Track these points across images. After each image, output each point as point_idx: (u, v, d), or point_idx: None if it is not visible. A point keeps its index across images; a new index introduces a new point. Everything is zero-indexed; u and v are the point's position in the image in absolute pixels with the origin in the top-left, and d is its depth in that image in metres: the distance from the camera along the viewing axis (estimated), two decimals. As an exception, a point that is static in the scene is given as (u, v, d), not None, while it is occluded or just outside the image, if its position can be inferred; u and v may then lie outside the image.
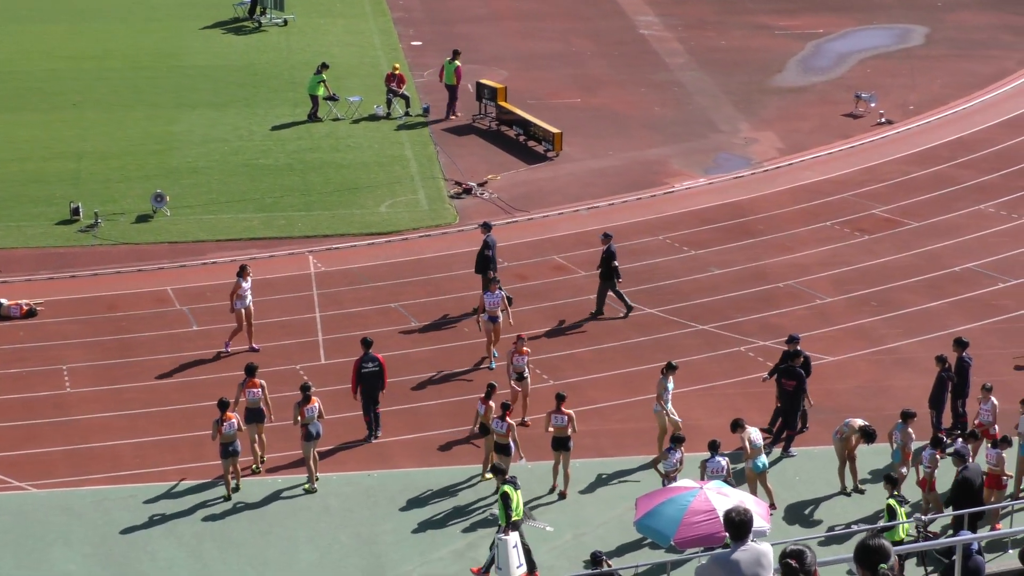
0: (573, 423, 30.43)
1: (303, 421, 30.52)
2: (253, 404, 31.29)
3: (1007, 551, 27.23)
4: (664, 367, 31.71)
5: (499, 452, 30.43)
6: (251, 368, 31.86)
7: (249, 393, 31.30)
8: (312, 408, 30.62)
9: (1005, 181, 47.69)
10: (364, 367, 32.44)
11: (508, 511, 27.21)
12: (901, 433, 29.53)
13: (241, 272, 36.28)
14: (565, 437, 30.34)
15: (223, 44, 63.74)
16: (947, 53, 62.69)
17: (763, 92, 57.60)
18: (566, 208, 46.22)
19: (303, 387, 30.93)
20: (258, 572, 27.99)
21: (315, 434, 30.62)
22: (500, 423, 30.28)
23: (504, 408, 30.44)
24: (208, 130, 52.81)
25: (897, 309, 38.79)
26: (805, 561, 12.67)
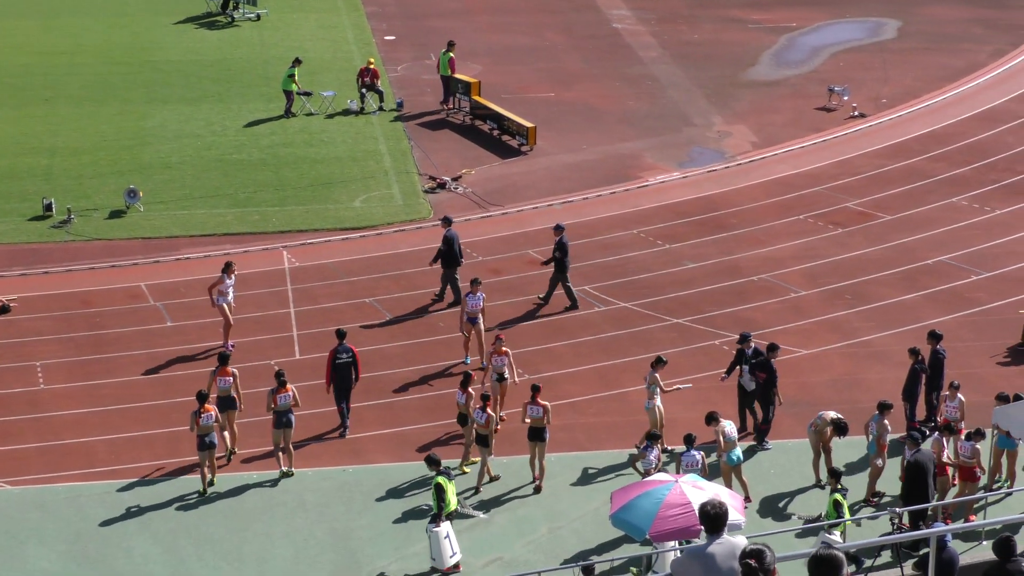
0: (548, 414, 30.49)
1: (276, 408, 30.68)
2: (224, 392, 31.52)
3: (981, 542, 27.34)
4: (654, 361, 31.70)
5: (479, 443, 30.48)
6: (224, 356, 32.22)
7: (221, 381, 31.59)
8: (285, 396, 30.75)
9: (977, 174, 47.85)
10: (338, 358, 32.57)
11: (441, 502, 27.45)
12: (877, 425, 29.61)
13: (226, 269, 36.21)
14: (541, 428, 30.42)
15: (196, 39, 63.59)
16: (919, 46, 62.88)
17: (736, 86, 57.69)
18: (540, 202, 46.23)
19: (277, 374, 31.09)
20: (234, 568, 27.95)
21: (286, 422, 30.76)
22: (481, 414, 30.34)
23: (484, 399, 30.54)
24: (181, 125, 52.69)
25: (870, 302, 38.91)
26: (764, 560, 12.72)
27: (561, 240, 38.35)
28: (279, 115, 53.25)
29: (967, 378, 33.81)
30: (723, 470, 29.69)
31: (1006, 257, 41.42)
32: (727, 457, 29.44)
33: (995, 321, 37.64)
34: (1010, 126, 52.48)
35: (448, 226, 39.00)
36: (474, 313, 35.25)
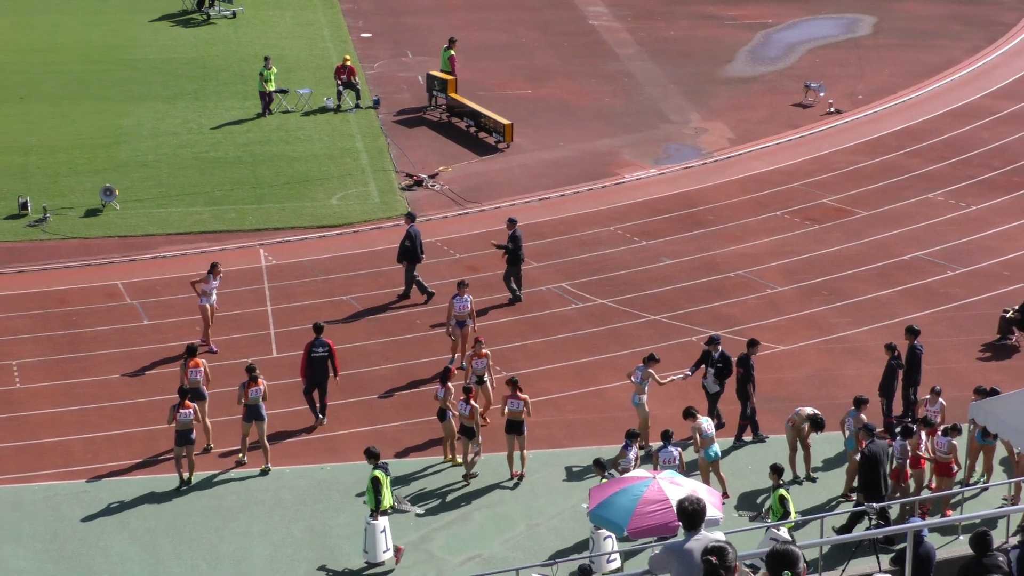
0: (528, 407, 30.63)
1: (247, 401, 30.88)
2: (195, 384, 31.65)
3: (958, 537, 27.43)
4: (646, 358, 31.65)
5: (464, 435, 30.54)
6: (193, 348, 32.43)
7: (192, 372, 31.75)
8: (256, 389, 30.89)
9: (953, 170, 48.00)
10: (314, 351, 32.64)
11: (378, 496, 27.54)
12: (854, 420, 29.68)
13: (212, 269, 36.13)
14: (520, 421, 30.54)
15: (172, 37, 63.45)
16: (895, 43, 63.05)
17: (713, 82, 57.77)
18: (517, 199, 46.23)
19: (248, 368, 31.28)
20: (212, 567, 27.91)
21: (258, 415, 30.93)
22: (464, 406, 30.40)
23: (466, 391, 30.66)
24: (157, 123, 52.57)
25: (847, 298, 39.00)
26: (726, 558, 12.79)
27: (514, 234, 38.44)
28: (256, 112, 53.13)
29: (943, 373, 33.95)
30: (701, 466, 29.74)
31: (981, 253, 41.55)
32: (705, 453, 29.50)
33: (971, 316, 37.76)
34: (985, 122, 52.64)
35: (411, 222, 39.03)
36: (462, 316, 34.95)
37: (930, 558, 23.44)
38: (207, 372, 32.11)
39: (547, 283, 40.00)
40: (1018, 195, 45.72)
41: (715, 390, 32.13)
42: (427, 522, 29.21)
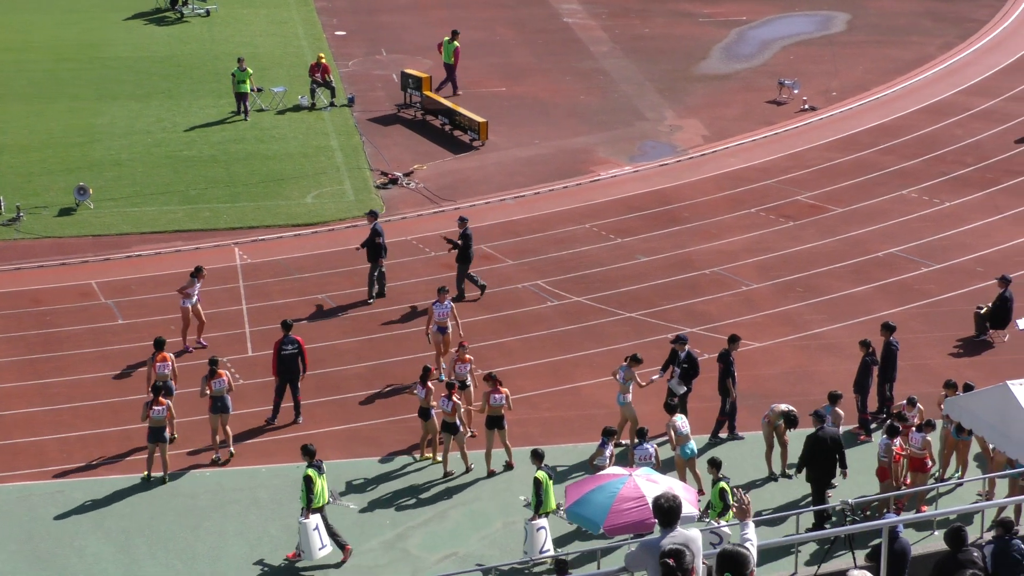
0: (509, 401, 30.76)
1: (211, 393, 31.01)
2: (163, 378, 31.77)
3: (933, 533, 27.51)
4: (628, 357, 31.60)
5: (446, 431, 30.60)
6: (160, 342, 32.44)
7: (160, 367, 31.94)
8: (220, 381, 31.07)
9: (927, 166, 48.13)
10: (284, 349, 32.63)
11: (310, 494, 27.53)
12: (832, 415, 29.72)
13: (196, 273, 35.94)
14: (501, 416, 30.65)
15: (145, 35, 63.30)
16: (869, 39, 63.21)
17: (687, 80, 57.84)
18: (493, 197, 46.22)
19: (211, 361, 31.50)
20: (187, 566, 27.83)
21: (223, 407, 31.10)
22: (446, 401, 30.42)
23: (449, 387, 30.73)
24: (131, 122, 52.42)
25: (822, 295, 39.07)
26: (683, 560, 12.82)
27: (465, 232, 38.44)
28: (230, 111, 52.99)
29: (918, 369, 34.06)
30: (677, 463, 29.76)
31: (955, 249, 41.67)
32: (681, 450, 29.52)
33: (945, 312, 37.86)
34: (959, 118, 52.80)
35: (374, 219, 38.98)
36: (442, 322, 34.60)
37: (905, 554, 23.50)
38: (175, 367, 32.23)
39: (522, 281, 40.00)
40: (991, 191, 45.87)
41: (681, 391, 31.92)
42: (403, 520, 29.18)
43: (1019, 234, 42.63)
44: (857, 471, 30.21)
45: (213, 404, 31.20)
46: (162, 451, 30.41)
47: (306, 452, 28.18)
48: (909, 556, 23.66)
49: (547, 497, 27.49)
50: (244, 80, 52.50)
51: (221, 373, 31.31)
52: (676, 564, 12.77)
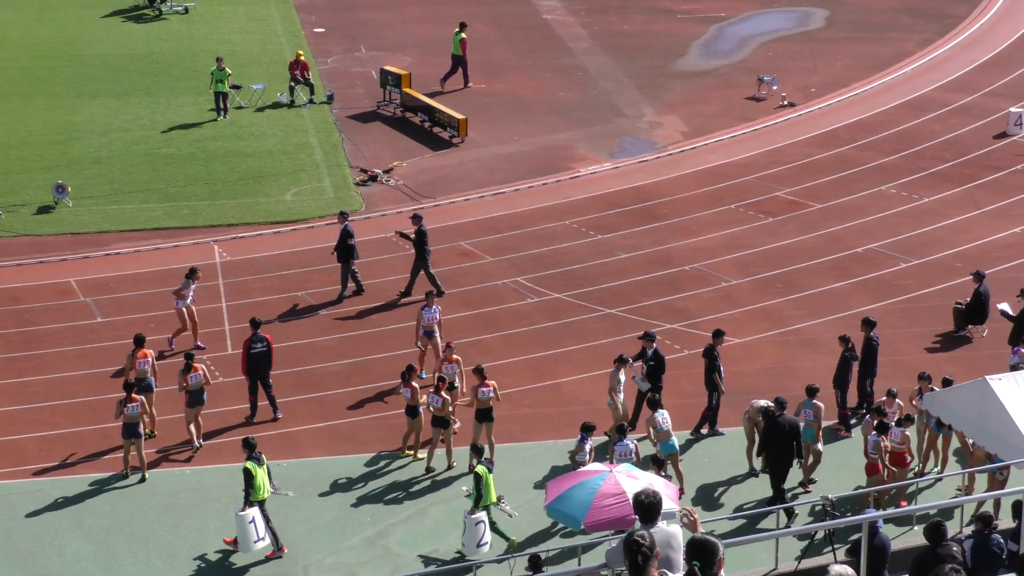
0: (497, 394, 30.91)
1: (188, 387, 31.15)
2: (143, 374, 31.88)
3: (913, 527, 27.58)
4: (616, 359, 31.56)
5: (436, 425, 30.65)
6: (140, 339, 32.45)
7: (140, 363, 31.95)
8: (196, 375, 31.21)
9: (905, 162, 48.23)
10: (253, 347, 32.63)
11: (249, 488, 27.67)
12: (812, 409, 29.78)
13: (191, 274, 35.79)
14: (490, 409, 30.77)
15: (123, 33, 63.15)
16: (847, 35, 63.33)
17: (666, 76, 57.89)
18: (472, 194, 46.23)
19: (186, 355, 31.68)
20: (167, 564, 27.78)
21: (201, 400, 31.36)
22: (435, 397, 30.48)
23: (439, 381, 30.86)
24: (110, 120, 52.30)
25: (801, 290, 39.14)
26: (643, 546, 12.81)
27: (420, 229, 38.46)
28: (209, 108, 52.87)
29: (897, 365, 34.13)
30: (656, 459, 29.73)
31: (934, 244, 41.77)
32: (662, 446, 29.50)
33: (924, 308, 37.95)
34: (937, 114, 52.93)
35: (345, 220, 38.80)
36: (430, 327, 34.36)
37: (885, 549, 23.56)
38: (154, 364, 32.28)
39: (502, 278, 40.01)
40: (970, 187, 46.00)
41: (644, 388, 32.00)
42: (384, 517, 29.17)
43: (997, 229, 42.76)
44: (837, 467, 30.32)
45: (191, 398, 31.29)
46: (138, 447, 30.40)
47: (246, 445, 28.31)
48: (889, 551, 23.72)
49: (487, 491, 27.71)
50: (222, 80, 52.20)
51: (196, 367, 31.41)
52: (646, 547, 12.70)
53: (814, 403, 29.90)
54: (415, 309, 36.74)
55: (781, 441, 29.04)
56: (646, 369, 32.05)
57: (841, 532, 25.37)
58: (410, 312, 37.75)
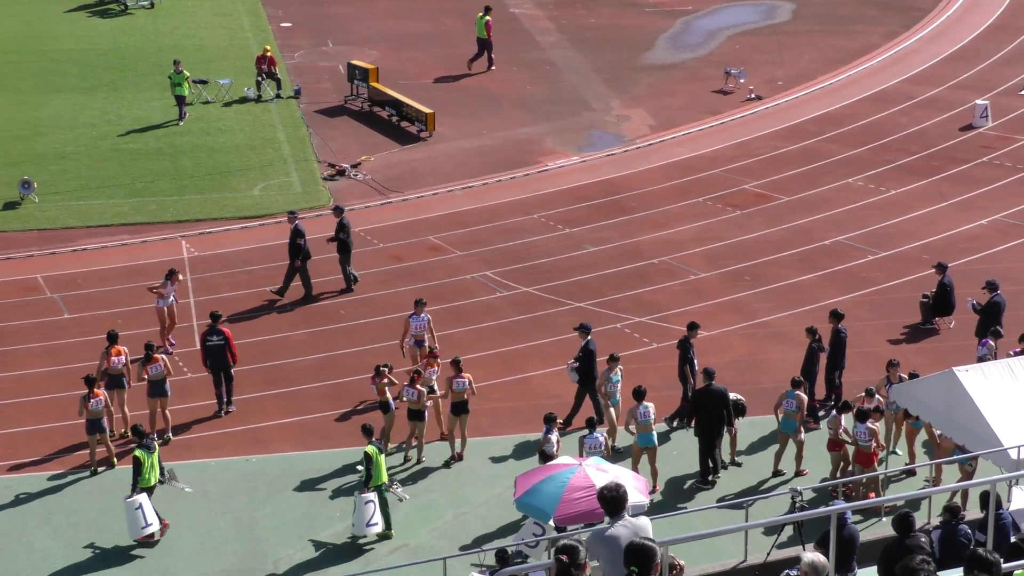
0: (472, 386, 30.89)
1: (148, 378, 31.23)
2: (115, 371, 31.79)
3: (881, 519, 27.70)
4: (608, 358, 31.39)
5: (413, 419, 30.62)
6: (113, 335, 32.30)
7: (114, 361, 31.85)
8: (157, 366, 31.27)
9: (872, 155, 48.38)
10: (208, 340, 32.63)
11: (137, 475, 27.93)
12: (795, 399, 29.84)
13: (169, 276, 35.52)
14: (465, 401, 30.81)
15: (89, 27, 62.85)
16: (814, 28, 63.47)
17: (634, 69, 57.93)
18: (441, 188, 46.20)
19: (146, 346, 31.71)
20: (136, 560, 27.69)
21: (161, 391, 31.37)
22: (410, 390, 30.47)
23: (415, 373, 30.84)
24: (75, 115, 52.08)
25: (769, 283, 39.24)
26: (577, 556, 12.95)
27: (342, 222, 38.43)
28: (175, 105, 52.62)
29: (865, 357, 34.24)
30: (635, 451, 29.77)
31: (901, 237, 41.92)
32: (640, 438, 29.50)
33: (892, 300, 38.09)
34: (903, 107, 53.10)
35: (294, 220, 38.46)
36: (419, 335, 33.72)
37: (854, 540, 23.65)
38: (128, 360, 32.10)
39: (471, 272, 40.01)
40: (936, 179, 46.16)
41: (575, 380, 32.06)
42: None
43: (964, 221, 42.95)
44: (807, 459, 30.34)
45: (152, 388, 31.34)
46: (104, 440, 30.48)
47: (136, 432, 28.54)
48: (857, 543, 23.81)
49: (377, 471, 27.93)
50: (180, 83, 51.10)
51: (157, 358, 31.47)
52: (570, 560, 12.90)
53: (797, 394, 29.97)
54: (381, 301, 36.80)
55: (710, 410, 29.81)
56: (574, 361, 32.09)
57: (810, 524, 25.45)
58: (379, 306, 37.76)
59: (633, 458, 29.80)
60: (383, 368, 31.18)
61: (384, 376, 30.98)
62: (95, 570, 27.46)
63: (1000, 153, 48.26)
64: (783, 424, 30.05)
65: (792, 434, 29.99)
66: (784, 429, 30.05)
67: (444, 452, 31.21)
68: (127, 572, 27.45)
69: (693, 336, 32.55)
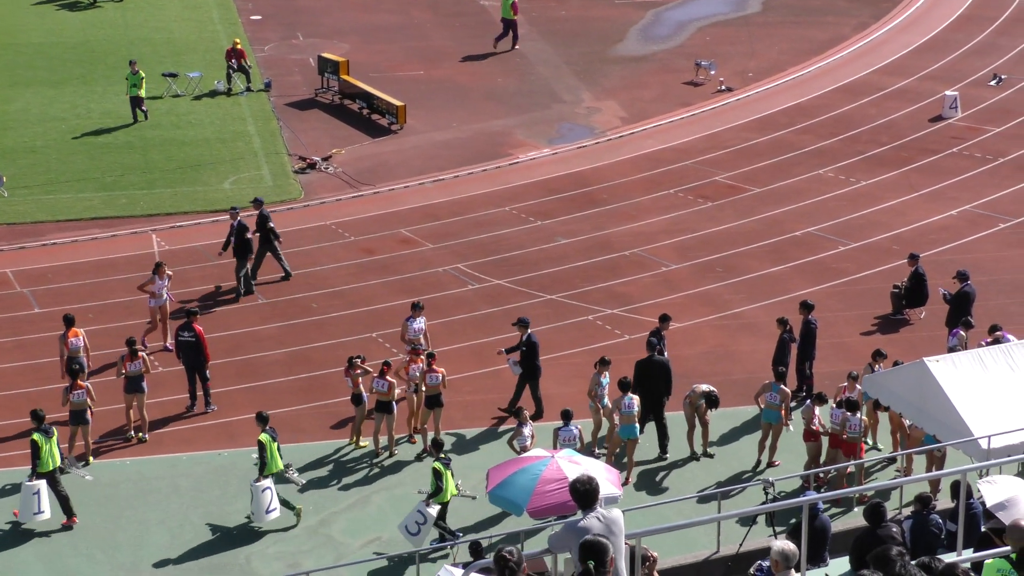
0: (445, 380, 30.92)
1: (127, 373, 31.23)
2: (75, 353, 31.92)
3: (852, 509, 27.79)
4: (597, 362, 31.18)
5: (379, 410, 30.58)
6: (69, 318, 32.45)
7: (72, 342, 32.00)
8: (136, 363, 31.25)
9: (843, 146, 48.50)
10: (180, 336, 32.55)
11: (36, 459, 28.05)
12: (779, 393, 29.87)
13: (156, 269, 35.28)
14: (439, 394, 30.83)
15: (58, 21, 62.62)
16: (784, 20, 63.58)
17: (604, 61, 57.95)
18: (412, 181, 46.15)
19: (128, 342, 31.65)
20: (108, 556, 27.63)
21: (139, 388, 31.33)
22: (380, 381, 30.45)
23: (385, 364, 30.73)
24: (45, 108, 51.89)
25: (741, 274, 39.30)
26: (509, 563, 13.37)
27: (262, 213, 38.39)
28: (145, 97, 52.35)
29: (836, 347, 34.34)
30: (614, 441, 29.74)
31: (871, 228, 42.03)
32: (623, 430, 29.50)
33: (862, 291, 38.19)
34: (873, 98, 53.23)
35: (237, 216, 38.05)
36: (416, 339, 33.03)
37: (826, 531, 23.74)
38: (87, 343, 32.34)
39: (443, 264, 39.98)
40: (906, 170, 46.29)
41: (517, 372, 32.07)
42: (327, 505, 29.13)
43: (934, 212, 43.08)
44: (779, 450, 30.40)
45: (129, 384, 31.29)
46: (84, 433, 30.36)
47: (34, 417, 28.46)
48: (829, 533, 23.90)
49: (272, 459, 28.16)
50: (137, 84, 50.11)
51: (139, 355, 31.40)
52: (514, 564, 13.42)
53: (781, 388, 30.01)
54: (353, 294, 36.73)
55: (652, 378, 30.59)
56: (518, 354, 32.08)
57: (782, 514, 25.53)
58: (351, 300, 37.73)
59: (610, 448, 29.81)
60: (356, 360, 31.15)
61: (357, 367, 30.95)
62: (67, 565, 27.36)
63: (970, 144, 48.43)
64: (765, 415, 30.08)
65: (772, 424, 30.05)
66: (767, 419, 30.09)
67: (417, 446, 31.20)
68: (99, 568, 27.36)
69: (664, 328, 32.57)
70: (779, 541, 15.40)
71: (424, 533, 27.10)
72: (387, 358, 31.94)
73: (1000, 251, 40.41)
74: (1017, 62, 57.03)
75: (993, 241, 41.17)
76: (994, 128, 49.83)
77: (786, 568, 15.12)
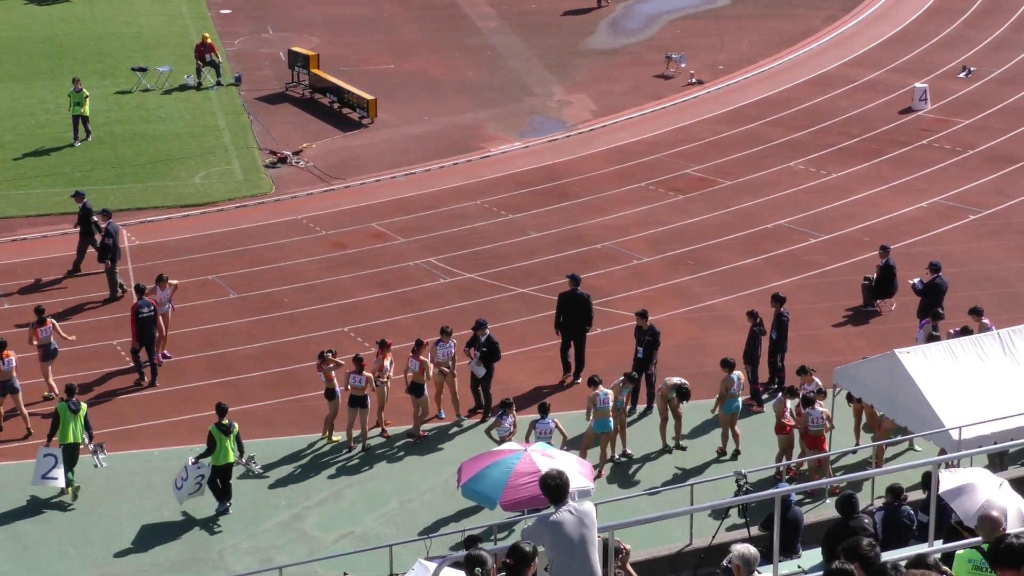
0: (428, 370, 31.04)
1: (39, 342, 32.07)
2: (45, 340, 32.34)
3: (824, 501, 27.87)
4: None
5: (354, 404, 30.56)
6: (40, 310, 32.83)
7: (41, 332, 32.35)
8: (47, 329, 32.17)
9: (813, 138, 48.61)
10: (140, 312, 32.84)
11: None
12: (725, 382, 29.94)
13: (159, 281, 34.89)
14: (421, 384, 30.93)
15: (25, 15, 62.36)
16: (754, 12, 63.71)
17: (575, 55, 57.98)
18: (383, 175, 46.10)
19: (37, 310, 32.54)
20: (80, 552, 27.55)
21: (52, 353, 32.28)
22: (357, 377, 30.47)
23: (356, 362, 30.68)
24: (13, 104, 51.67)
25: (712, 267, 39.36)
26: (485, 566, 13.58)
27: (85, 205, 38.38)
28: (115, 92, 52.30)
29: (808, 339, 34.42)
30: (588, 435, 29.74)
31: (842, 220, 42.14)
32: (597, 424, 29.51)
33: (834, 283, 38.29)
34: (843, 90, 53.37)
35: (108, 219, 37.76)
36: (444, 363, 32.04)
37: (798, 522, 23.80)
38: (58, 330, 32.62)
39: (414, 258, 39.94)
40: (876, 162, 46.43)
41: (480, 373, 32.07)
42: (299, 500, 29.08)
43: (904, 204, 43.20)
44: (751, 442, 30.53)
45: (45, 353, 32.20)
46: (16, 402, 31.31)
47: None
48: (802, 525, 23.96)
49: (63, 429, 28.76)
50: (81, 102, 48.21)
51: (48, 321, 32.33)
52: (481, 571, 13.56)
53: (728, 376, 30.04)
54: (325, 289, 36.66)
55: (572, 310, 33.12)
56: (479, 355, 32.03)
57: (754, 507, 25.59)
58: (322, 294, 37.67)
59: (584, 442, 29.81)
60: (327, 354, 31.10)
61: (329, 362, 30.91)
62: (39, 562, 27.26)
63: (939, 136, 48.60)
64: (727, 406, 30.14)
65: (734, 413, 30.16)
66: (727, 411, 30.17)
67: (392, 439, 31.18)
68: (71, 564, 27.29)
69: (642, 325, 32.49)
70: (739, 545, 15.48)
71: (186, 489, 28.18)
72: (358, 352, 31.89)
73: (969, 243, 40.56)
74: (986, 54, 57.26)
75: (963, 233, 41.32)
76: (963, 120, 50.02)
77: (748, 573, 15.21)
